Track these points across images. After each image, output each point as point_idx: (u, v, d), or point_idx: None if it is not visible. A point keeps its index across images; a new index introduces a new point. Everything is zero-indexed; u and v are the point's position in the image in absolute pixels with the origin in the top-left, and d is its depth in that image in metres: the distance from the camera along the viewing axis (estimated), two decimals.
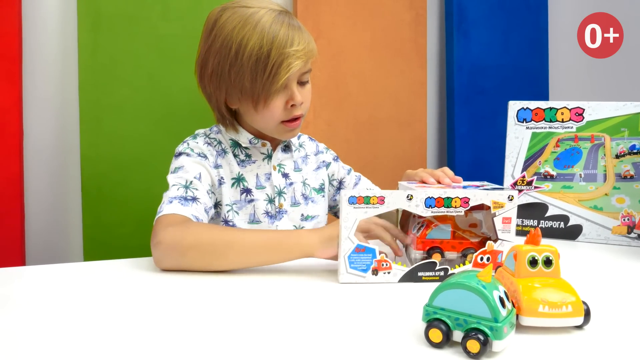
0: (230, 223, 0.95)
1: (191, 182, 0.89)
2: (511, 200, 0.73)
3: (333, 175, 1.12)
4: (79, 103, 1.40)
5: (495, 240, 0.74)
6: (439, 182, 0.85)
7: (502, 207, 0.73)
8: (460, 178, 0.85)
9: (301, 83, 0.94)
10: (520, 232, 1.01)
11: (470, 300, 0.52)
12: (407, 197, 0.71)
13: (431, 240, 0.75)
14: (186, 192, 0.88)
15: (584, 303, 0.57)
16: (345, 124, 1.69)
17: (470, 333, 0.50)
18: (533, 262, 0.59)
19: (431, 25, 1.84)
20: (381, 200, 0.71)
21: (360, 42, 1.70)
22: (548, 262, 0.60)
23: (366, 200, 0.71)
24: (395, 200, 0.71)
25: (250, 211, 0.97)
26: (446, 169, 0.89)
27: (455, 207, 0.72)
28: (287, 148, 1.05)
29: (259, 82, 0.89)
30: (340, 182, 1.12)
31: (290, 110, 0.93)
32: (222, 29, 0.91)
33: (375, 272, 0.72)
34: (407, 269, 0.73)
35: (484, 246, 0.74)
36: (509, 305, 0.53)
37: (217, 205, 0.96)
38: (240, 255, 0.78)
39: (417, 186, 0.81)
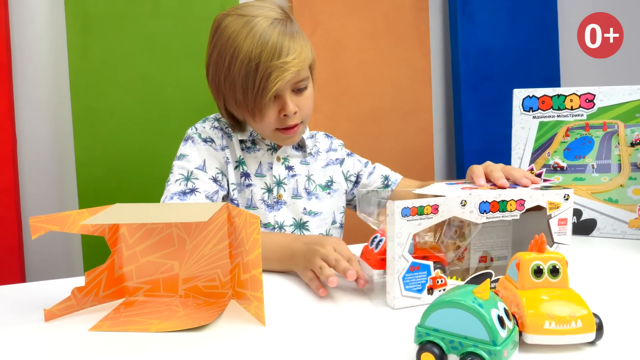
0: (235, 202, 0.97)
1: (192, 173, 0.93)
2: (567, 199, 0.67)
3: (348, 171, 1.11)
4: (71, 107, 1.37)
5: (551, 244, 0.68)
6: (488, 181, 0.75)
7: (557, 207, 0.67)
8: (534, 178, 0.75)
9: (297, 91, 0.93)
10: None
11: (465, 320, 0.47)
12: (461, 203, 0.64)
13: None
14: (186, 185, 0.91)
15: (596, 316, 0.52)
16: (347, 117, 1.63)
17: (467, 357, 0.45)
18: (538, 272, 0.54)
19: (433, 9, 1.77)
20: (435, 209, 0.64)
21: (359, 32, 1.63)
22: (554, 271, 0.54)
23: (420, 210, 0.63)
24: (449, 207, 0.64)
25: (248, 196, 0.97)
26: (520, 170, 0.76)
27: (511, 211, 0.66)
28: (300, 147, 1.05)
29: (249, 95, 0.89)
30: (358, 176, 1.11)
31: (283, 119, 0.93)
32: (219, 37, 0.92)
33: (430, 290, 0.65)
34: (463, 283, 0.67)
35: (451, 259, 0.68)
36: (509, 324, 0.48)
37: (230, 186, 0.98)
38: None
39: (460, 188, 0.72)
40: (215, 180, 0.94)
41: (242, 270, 0.65)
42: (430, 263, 0.65)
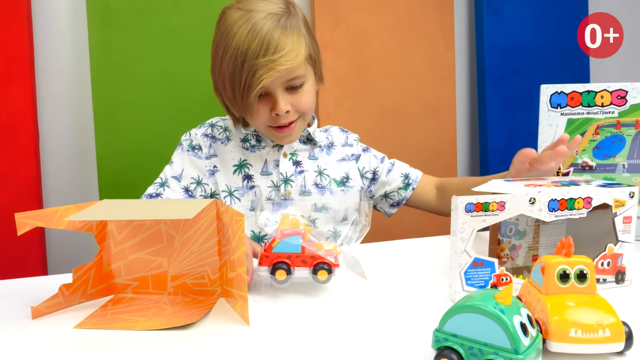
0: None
1: (167, 180, 0.96)
2: (632, 197, 0.67)
3: (364, 168, 1.08)
4: (92, 102, 1.38)
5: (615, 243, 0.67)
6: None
7: (623, 205, 0.67)
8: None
9: (291, 88, 0.90)
10: None
11: (486, 326, 0.44)
12: (530, 200, 0.64)
13: (277, 255, 0.65)
14: (157, 190, 0.95)
15: (625, 325, 0.49)
16: (369, 113, 1.61)
17: None
18: (564, 276, 0.51)
19: (458, 3, 1.73)
20: (501, 206, 0.63)
21: (382, 26, 1.61)
22: (582, 276, 0.51)
23: (485, 207, 0.62)
24: (517, 205, 0.64)
25: (252, 197, 0.96)
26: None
27: (579, 209, 0.65)
28: (308, 141, 1.03)
29: (237, 93, 0.87)
30: (374, 173, 1.08)
31: (275, 118, 0.91)
32: (217, 30, 0.91)
33: (494, 287, 0.64)
34: None
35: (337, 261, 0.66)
36: (532, 331, 0.45)
37: (213, 194, 0.98)
38: None
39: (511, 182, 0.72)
40: (186, 190, 0.96)
41: (229, 268, 0.64)
42: (495, 260, 0.64)
